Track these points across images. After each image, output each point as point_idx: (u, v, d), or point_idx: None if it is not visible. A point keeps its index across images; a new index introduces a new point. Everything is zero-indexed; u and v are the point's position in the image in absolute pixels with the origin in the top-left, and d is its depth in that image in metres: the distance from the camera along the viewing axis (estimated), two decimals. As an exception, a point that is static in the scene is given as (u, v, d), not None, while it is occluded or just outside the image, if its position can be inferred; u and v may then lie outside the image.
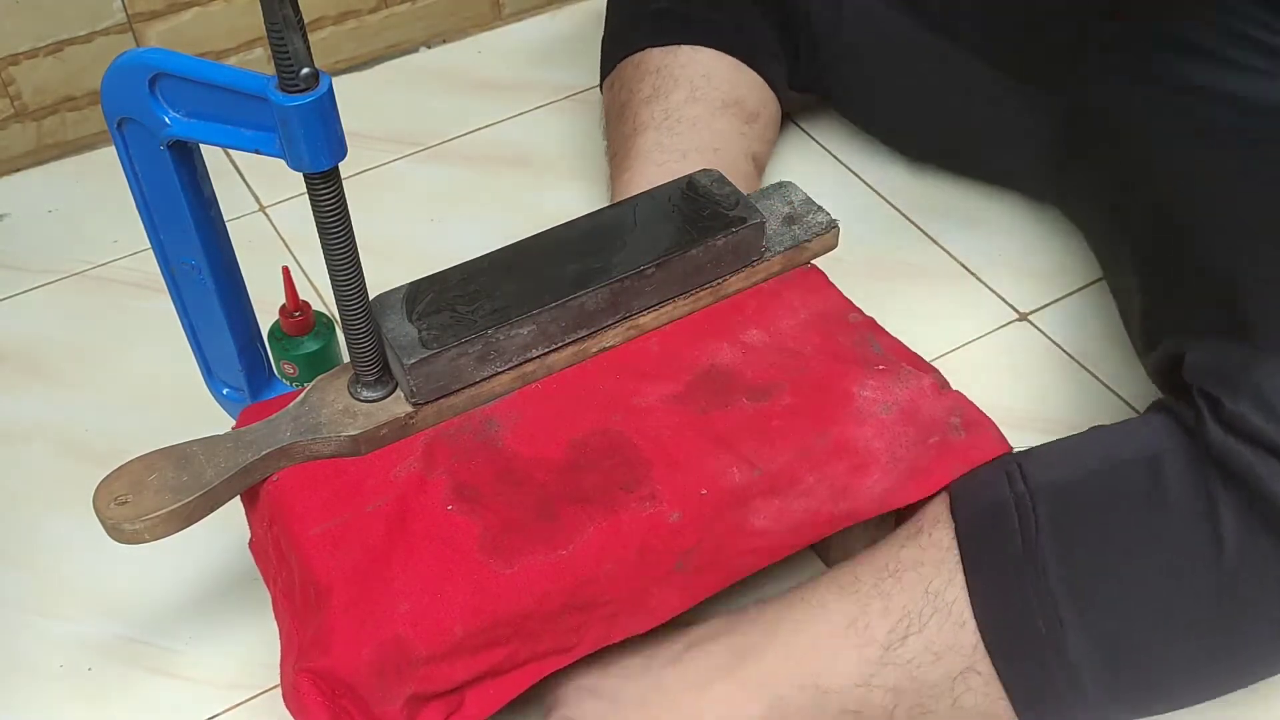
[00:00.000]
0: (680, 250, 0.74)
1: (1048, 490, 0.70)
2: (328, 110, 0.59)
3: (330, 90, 0.59)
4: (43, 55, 1.15)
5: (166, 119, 0.64)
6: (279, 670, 0.70)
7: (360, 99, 1.26)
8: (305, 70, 0.57)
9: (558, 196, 1.14)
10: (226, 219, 0.73)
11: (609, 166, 1.04)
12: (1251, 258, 0.77)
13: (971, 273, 1.05)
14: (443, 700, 0.65)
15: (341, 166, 0.62)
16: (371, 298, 0.69)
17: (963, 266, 1.06)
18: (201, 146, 0.67)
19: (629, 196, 0.90)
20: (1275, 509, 0.65)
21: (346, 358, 0.73)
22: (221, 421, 0.79)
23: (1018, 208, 1.10)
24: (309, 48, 0.58)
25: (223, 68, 0.61)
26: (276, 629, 0.72)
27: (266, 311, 0.82)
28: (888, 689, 0.69)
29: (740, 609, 0.75)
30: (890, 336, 0.77)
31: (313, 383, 0.72)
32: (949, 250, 1.07)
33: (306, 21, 0.62)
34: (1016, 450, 0.76)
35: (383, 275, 0.76)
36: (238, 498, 0.70)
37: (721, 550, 0.69)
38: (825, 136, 1.18)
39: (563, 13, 1.37)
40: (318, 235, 0.64)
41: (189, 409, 0.88)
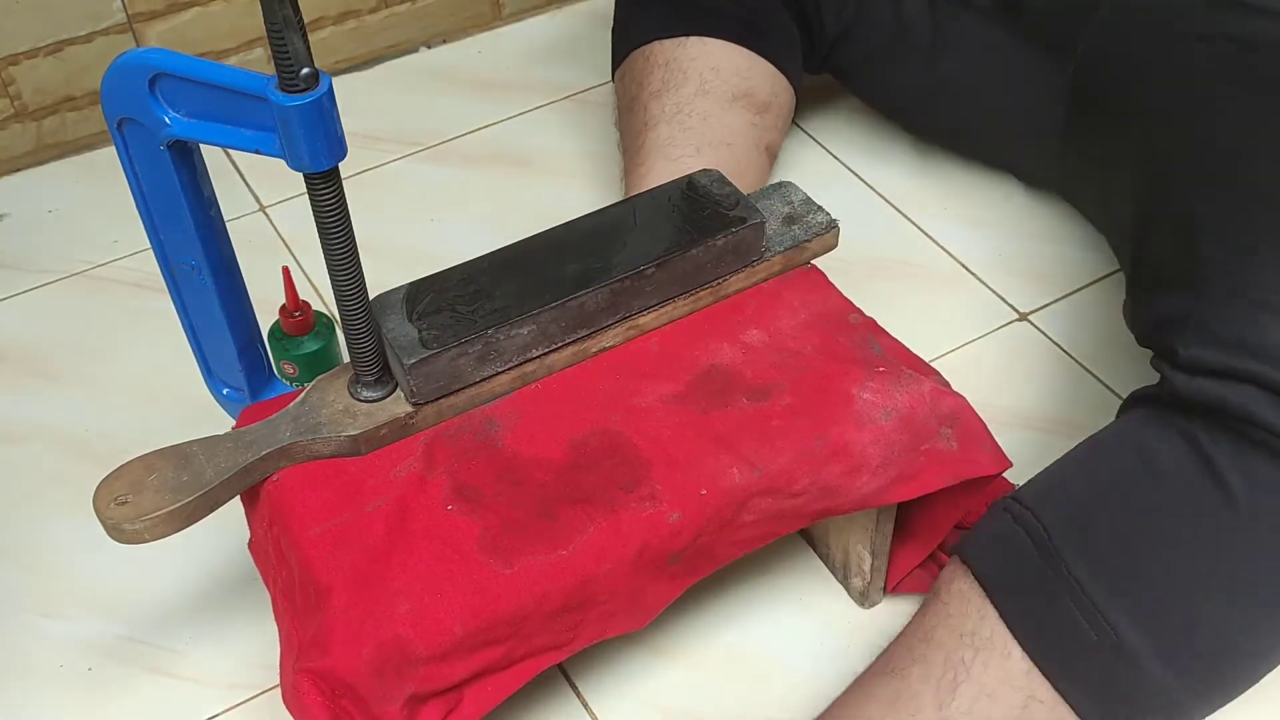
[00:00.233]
0: (680, 250, 0.74)
1: (1046, 502, 0.70)
2: (328, 110, 0.59)
3: (330, 90, 0.59)
4: (43, 55, 1.15)
5: (166, 119, 0.64)
6: (279, 670, 0.70)
7: (360, 99, 1.26)
8: (305, 70, 0.57)
9: (558, 196, 1.14)
10: (226, 219, 0.73)
11: (622, 159, 1.04)
12: (1210, 205, 0.77)
13: (971, 273, 1.05)
14: (441, 699, 0.65)
15: (341, 166, 0.62)
16: (371, 298, 0.69)
17: (963, 266, 1.06)
18: (201, 146, 0.67)
19: (631, 195, 0.91)
20: (1259, 431, 0.65)
21: (346, 358, 0.73)
22: (221, 421, 0.79)
23: (1018, 207, 1.10)
24: (309, 48, 0.57)
25: (223, 68, 0.61)
26: (276, 629, 0.72)
27: (266, 311, 0.82)
28: None
29: None
30: (890, 337, 0.77)
31: (313, 383, 0.72)
32: (949, 250, 1.07)
33: (306, 21, 0.62)
34: (1016, 458, 0.76)
35: (383, 275, 0.76)
36: (238, 498, 0.70)
37: (714, 544, 0.70)
38: (825, 136, 1.18)
39: (563, 13, 1.37)
40: (318, 235, 0.64)
41: (189, 409, 0.88)
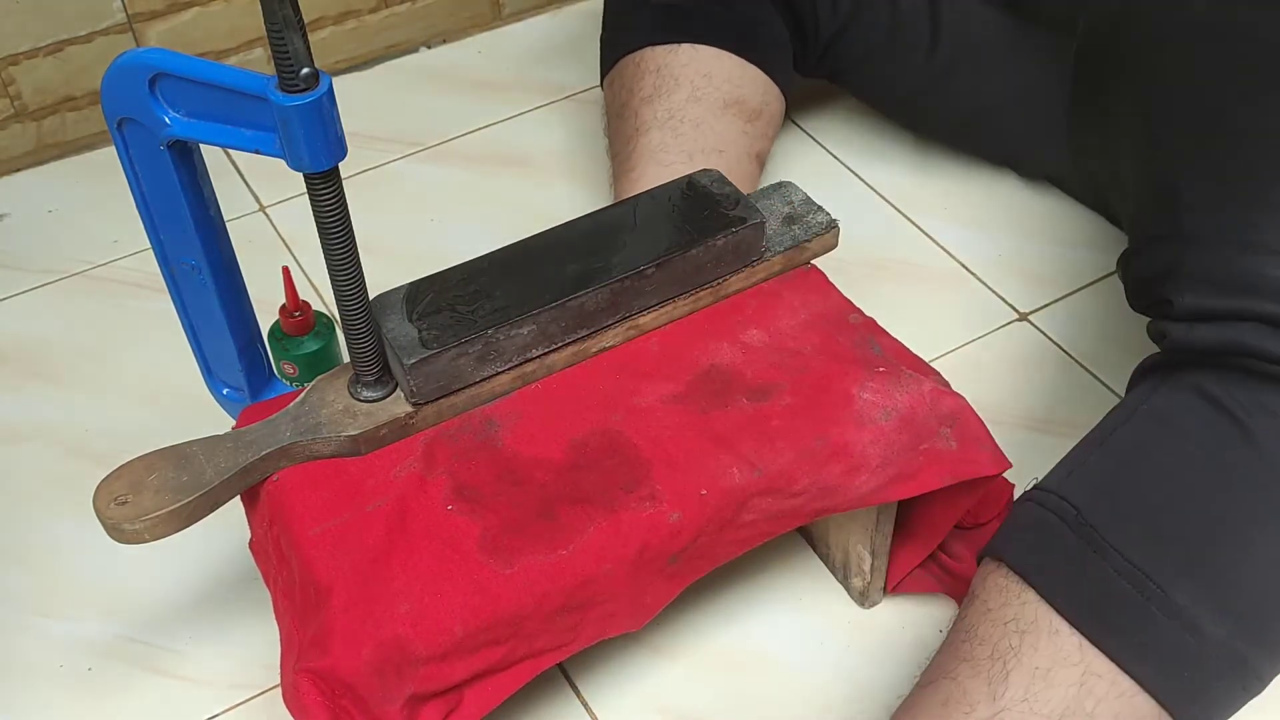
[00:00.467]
0: (680, 250, 0.74)
1: (1070, 483, 0.70)
2: (327, 110, 0.59)
3: (330, 90, 0.59)
4: (43, 55, 1.15)
5: (166, 119, 0.64)
6: (279, 670, 0.70)
7: (360, 99, 1.26)
8: (305, 70, 0.57)
9: (558, 196, 1.14)
10: (226, 219, 0.73)
11: (611, 165, 1.03)
12: (1193, 155, 0.77)
13: (971, 273, 1.05)
14: (442, 699, 0.65)
15: (341, 166, 0.62)
16: (371, 298, 0.69)
17: (963, 266, 1.06)
18: (201, 146, 0.67)
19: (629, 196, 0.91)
20: (1265, 364, 0.65)
21: (346, 358, 0.73)
22: (221, 421, 0.79)
23: (1018, 207, 1.10)
24: (309, 48, 0.57)
25: (223, 68, 0.61)
26: (276, 629, 0.72)
27: (266, 311, 0.82)
28: None
29: None
30: (890, 338, 0.77)
31: (313, 383, 0.72)
32: (949, 250, 1.07)
33: (306, 21, 0.62)
34: (1016, 458, 0.76)
35: (383, 275, 0.76)
36: (238, 498, 0.70)
37: (713, 544, 0.70)
38: (825, 136, 1.18)
39: (563, 13, 1.37)
40: (318, 235, 0.64)
41: (189, 409, 0.88)
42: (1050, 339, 1.00)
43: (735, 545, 0.71)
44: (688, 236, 0.75)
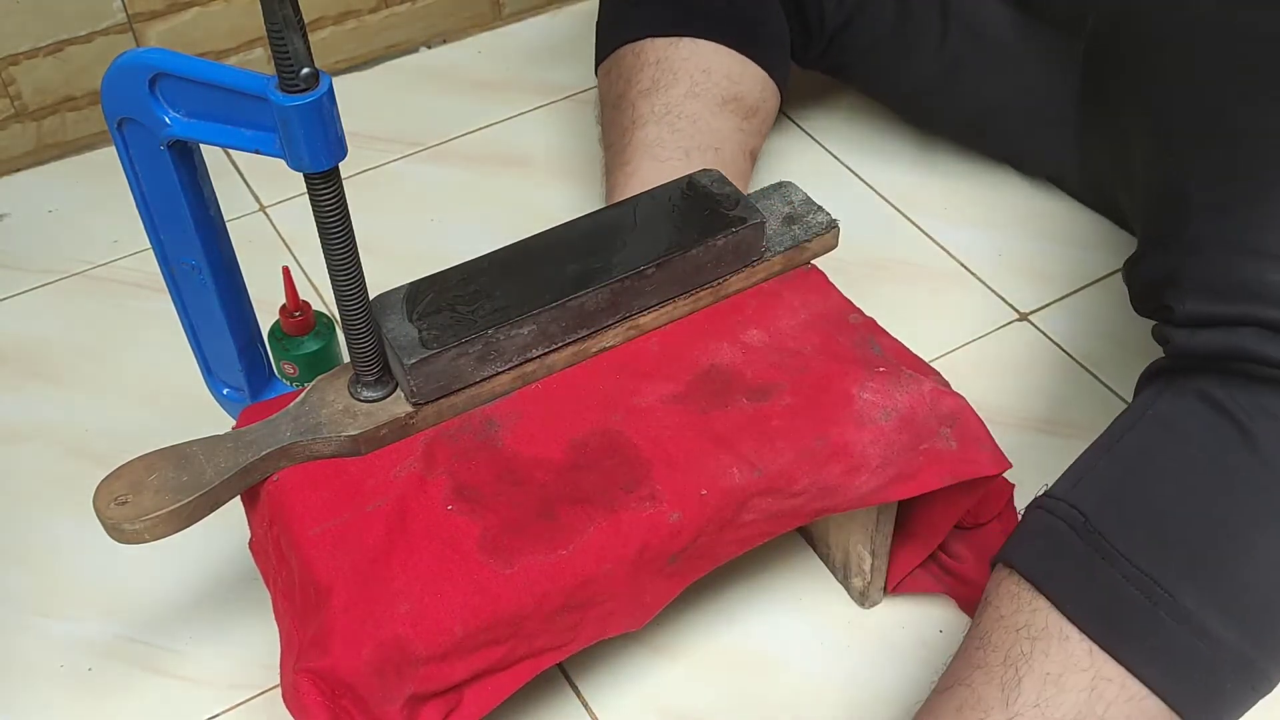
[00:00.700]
0: (680, 250, 0.74)
1: (1077, 490, 0.70)
2: (328, 110, 0.59)
3: (330, 90, 0.59)
4: (43, 55, 1.15)
5: (166, 119, 0.64)
6: (279, 670, 0.70)
7: (360, 99, 1.26)
8: (305, 70, 0.57)
9: (558, 196, 1.14)
10: (226, 219, 0.73)
11: (604, 155, 1.02)
12: (1196, 159, 0.77)
13: (971, 273, 1.05)
14: (441, 699, 0.65)
15: (341, 166, 0.62)
16: (371, 298, 0.69)
17: (963, 266, 1.06)
18: (201, 146, 0.67)
19: (628, 193, 0.91)
20: (1267, 369, 0.66)
21: (346, 358, 0.73)
22: (221, 421, 0.79)
23: (1019, 207, 1.10)
24: (309, 48, 0.57)
25: (223, 68, 0.61)
26: (276, 629, 0.72)
27: (266, 311, 0.82)
28: None
29: None
30: (891, 338, 0.77)
31: (313, 383, 0.72)
32: (949, 250, 1.07)
33: (306, 21, 0.62)
34: (1016, 458, 0.76)
35: (383, 275, 0.76)
36: (238, 498, 0.70)
37: (713, 544, 0.70)
38: (825, 136, 1.18)
39: (563, 13, 1.37)
40: (318, 235, 0.64)
41: (189, 409, 0.88)
42: (1050, 339, 1.00)
43: (735, 545, 0.71)
44: (688, 236, 0.75)
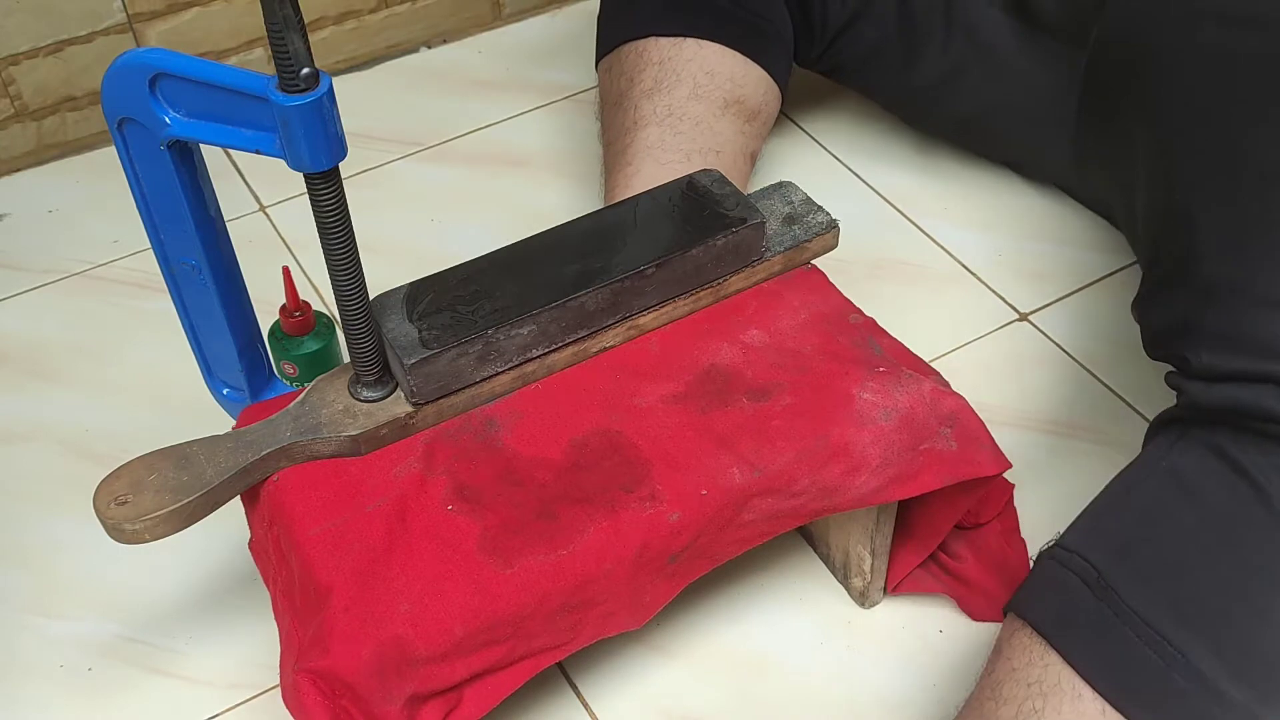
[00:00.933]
0: (680, 250, 0.74)
1: (1089, 542, 0.70)
2: (328, 110, 0.59)
3: (330, 90, 0.59)
4: (43, 55, 1.15)
5: (166, 119, 0.64)
6: (279, 670, 0.70)
7: (360, 99, 1.26)
8: (305, 70, 0.57)
9: (557, 196, 1.14)
10: (226, 219, 0.73)
11: (603, 153, 1.02)
12: (1207, 197, 0.76)
13: (971, 273, 1.05)
14: (441, 699, 0.65)
15: (341, 166, 0.62)
16: (371, 298, 0.69)
17: (963, 266, 1.06)
18: (201, 146, 0.67)
19: (628, 194, 0.91)
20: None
21: (346, 358, 0.73)
22: (221, 421, 0.79)
23: (1018, 207, 1.10)
24: (309, 48, 0.57)
25: (223, 68, 0.61)
26: (276, 629, 0.72)
27: (266, 311, 0.82)
28: None
29: None
30: (891, 338, 0.77)
31: (313, 383, 0.72)
32: (949, 250, 1.07)
33: (306, 21, 0.62)
34: (1016, 458, 0.75)
35: (383, 275, 0.76)
36: (238, 498, 0.70)
37: (713, 544, 0.70)
38: (825, 136, 1.18)
39: (563, 13, 1.37)
40: (318, 235, 0.64)
41: (189, 409, 0.88)
42: (1050, 339, 1.00)
43: (735, 545, 0.71)
44: (688, 236, 0.75)
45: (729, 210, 0.76)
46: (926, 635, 0.82)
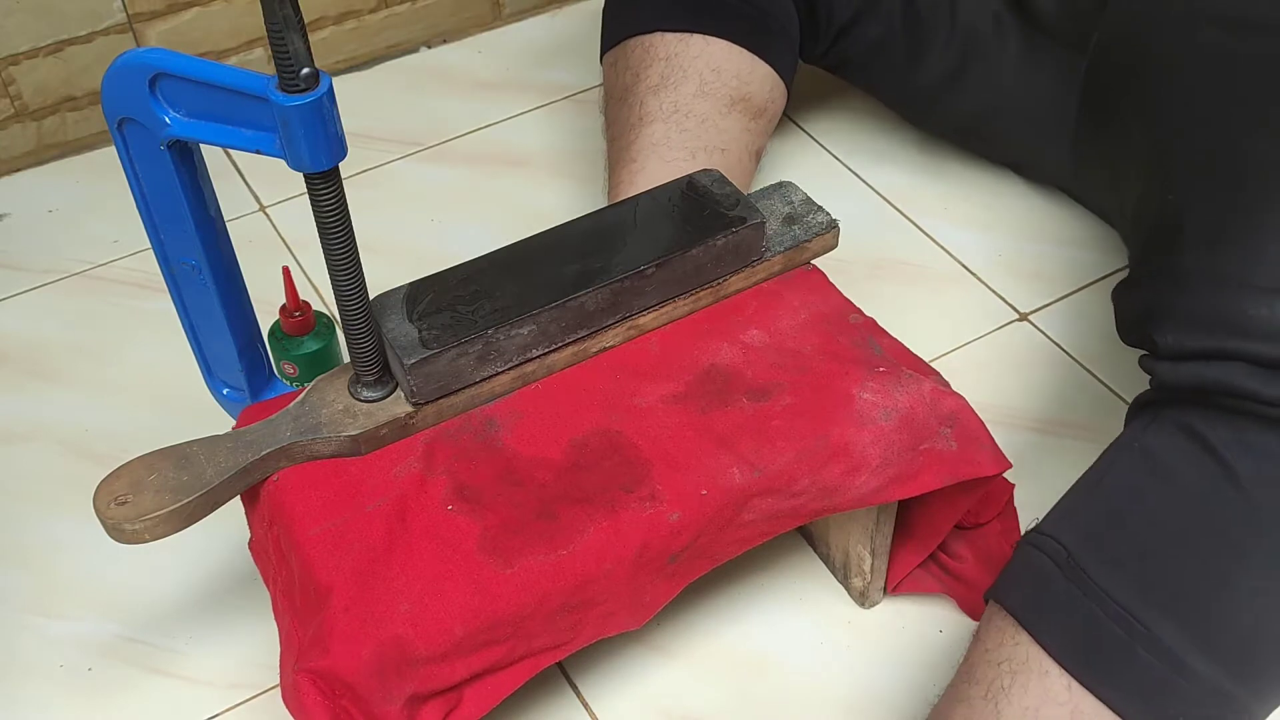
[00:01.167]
0: (680, 250, 0.74)
1: (1063, 525, 0.70)
2: (328, 110, 0.59)
3: (330, 90, 0.59)
4: (43, 55, 1.15)
5: (166, 119, 0.64)
6: (279, 670, 0.70)
7: (360, 99, 1.26)
8: (305, 70, 0.57)
9: (557, 197, 1.14)
10: (226, 219, 0.73)
11: (607, 148, 1.01)
12: (1190, 190, 0.77)
13: (971, 273, 1.05)
14: (441, 699, 0.65)
15: (341, 166, 0.62)
16: (371, 298, 0.69)
17: (963, 266, 1.06)
18: (201, 146, 0.67)
19: (632, 190, 0.91)
20: (1249, 403, 0.66)
21: (346, 358, 0.73)
22: (221, 421, 0.79)
23: (1018, 208, 1.11)
24: (309, 48, 0.57)
25: (223, 68, 0.61)
26: (276, 629, 0.72)
27: (266, 311, 0.82)
28: None
29: None
30: (891, 338, 0.77)
31: (313, 383, 0.72)
32: (949, 250, 1.07)
33: (306, 21, 0.62)
34: (1016, 458, 0.76)
35: (383, 275, 0.76)
36: (238, 498, 0.70)
37: (713, 544, 0.70)
38: (825, 136, 1.18)
39: (563, 13, 1.37)
40: (318, 235, 0.64)
41: (189, 409, 0.88)
42: (1050, 339, 1.00)
43: (735, 545, 0.71)
44: (688, 236, 0.75)
45: (729, 210, 0.76)
46: (926, 635, 0.82)
